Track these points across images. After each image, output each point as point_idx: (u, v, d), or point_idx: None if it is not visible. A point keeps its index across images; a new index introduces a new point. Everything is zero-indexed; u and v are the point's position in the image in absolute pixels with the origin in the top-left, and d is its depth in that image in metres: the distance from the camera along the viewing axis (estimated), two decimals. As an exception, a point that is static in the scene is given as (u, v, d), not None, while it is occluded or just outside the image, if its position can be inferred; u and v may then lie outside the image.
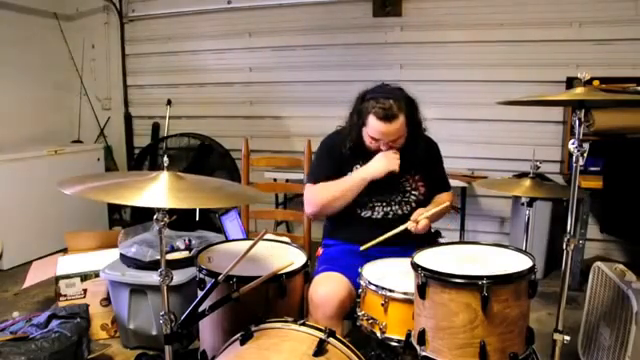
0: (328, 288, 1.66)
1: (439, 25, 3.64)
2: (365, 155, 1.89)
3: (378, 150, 1.85)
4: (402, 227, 1.80)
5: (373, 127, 1.79)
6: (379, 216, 1.90)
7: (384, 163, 1.81)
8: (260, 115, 4.23)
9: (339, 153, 1.92)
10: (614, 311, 1.87)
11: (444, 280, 1.35)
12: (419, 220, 1.79)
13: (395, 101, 1.77)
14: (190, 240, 2.43)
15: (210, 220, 3.43)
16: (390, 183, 1.90)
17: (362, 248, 1.78)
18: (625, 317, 1.79)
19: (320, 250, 2.03)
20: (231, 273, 1.37)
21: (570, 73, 3.34)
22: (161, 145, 4.25)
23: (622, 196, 2.78)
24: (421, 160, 1.94)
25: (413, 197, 1.93)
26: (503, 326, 1.33)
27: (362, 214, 1.90)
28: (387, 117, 1.76)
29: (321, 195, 1.89)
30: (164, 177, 1.27)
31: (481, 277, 1.31)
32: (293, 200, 3.91)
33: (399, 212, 1.91)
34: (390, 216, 1.90)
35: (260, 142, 4.08)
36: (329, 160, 1.95)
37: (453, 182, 2.71)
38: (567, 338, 1.44)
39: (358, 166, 1.91)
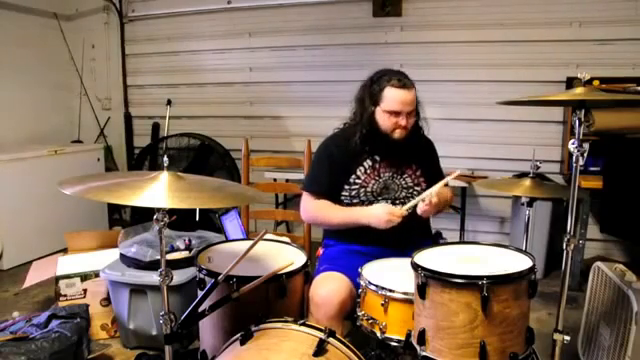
0: (329, 288, 1.66)
1: (439, 25, 3.65)
2: (377, 148, 1.87)
3: (395, 129, 1.82)
4: (418, 199, 1.78)
5: (392, 98, 1.80)
6: None
7: (385, 220, 1.73)
8: (260, 115, 4.22)
9: (344, 156, 1.89)
10: (614, 311, 1.87)
11: (444, 280, 1.35)
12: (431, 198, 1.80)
13: (405, 75, 1.84)
14: (190, 240, 2.43)
15: (210, 220, 3.42)
16: (394, 180, 1.90)
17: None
18: (625, 317, 1.79)
19: (320, 250, 2.03)
20: (231, 273, 1.37)
21: (570, 73, 3.35)
22: (161, 145, 4.25)
23: (622, 196, 2.77)
24: (422, 155, 1.96)
25: (416, 193, 1.93)
26: (503, 326, 1.33)
27: None
28: (405, 85, 1.81)
29: (316, 214, 1.93)
30: (164, 177, 1.27)
31: (481, 277, 1.31)
32: (293, 200, 3.91)
33: None
34: None
35: (260, 142, 4.08)
36: (329, 166, 1.91)
37: (453, 182, 2.71)
38: (567, 338, 1.44)
39: (369, 161, 1.89)
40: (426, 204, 1.77)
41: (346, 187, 1.90)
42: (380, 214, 1.75)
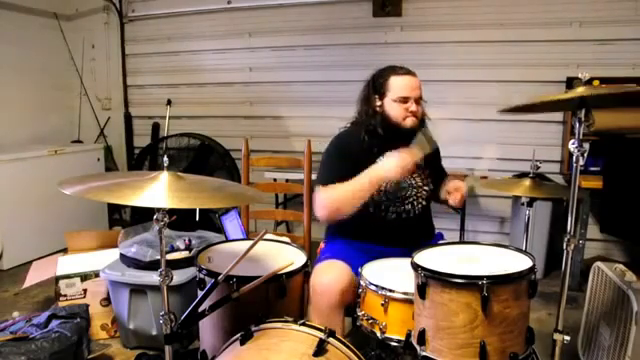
0: (331, 276, 1.65)
1: (439, 25, 3.65)
2: (387, 146, 1.84)
3: (406, 117, 1.82)
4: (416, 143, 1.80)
5: (399, 85, 1.83)
6: (393, 217, 1.88)
7: (395, 167, 1.69)
8: (260, 115, 4.22)
9: (355, 150, 1.86)
10: (614, 311, 1.87)
11: (444, 280, 1.35)
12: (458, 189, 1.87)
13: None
14: (190, 240, 2.43)
15: (210, 220, 3.42)
16: (405, 179, 1.89)
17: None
18: (625, 317, 1.79)
19: (322, 244, 2.02)
20: (231, 273, 1.37)
21: (570, 73, 3.34)
22: (161, 145, 4.25)
23: (622, 196, 2.77)
24: (428, 154, 1.95)
25: (424, 192, 1.94)
26: (503, 326, 1.33)
27: (376, 214, 1.86)
28: (409, 72, 1.86)
29: (332, 197, 1.77)
30: (164, 177, 1.27)
31: (481, 277, 1.31)
32: (293, 200, 3.91)
33: (411, 212, 1.90)
34: (404, 216, 1.89)
35: (260, 142, 4.08)
36: (341, 162, 1.86)
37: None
38: (567, 338, 1.44)
39: (381, 158, 1.86)
40: (460, 195, 1.86)
41: None
42: (389, 159, 1.72)
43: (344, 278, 1.66)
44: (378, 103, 1.87)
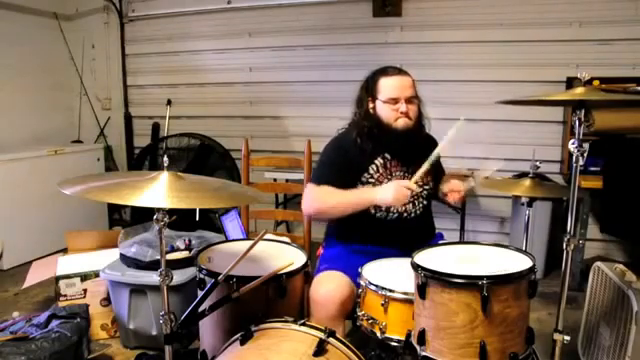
0: (329, 287, 1.66)
1: (439, 25, 3.64)
2: (385, 146, 1.86)
3: (397, 118, 1.81)
4: (423, 169, 1.78)
5: (388, 86, 1.82)
6: (394, 217, 1.88)
7: (393, 196, 1.68)
8: (260, 115, 4.22)
9: (351, 152, 1.86)
10: (614, 311, 1.87)
11: (444, 280, 1.35)
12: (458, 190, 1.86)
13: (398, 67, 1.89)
14: (190, 240, 2.43)
15: (210, 220, 3.42)
16: (405, 179, 1.88)
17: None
18: (625, 317, 1.79)
19: (321, 249, 2.03)
20: (231, 273, 1.37)
21: (570, 73, 3.34)
22: (161, 145, 4.25)
23: (622, 196, 2.78)
24: (428, 153, 1.95)
25: (425, 192, 1.94)
26: (503, 326, 1.33)
27: (376, 215, 1.86)
28: (399, 72, 1.85)
29: (322, 199, 1.82)
30: (164, 177, 1.27)
31: (481, 277, 1.31)
32: (293, 200, 3.91)
33: (413, 212, 1.90)
34: (405, 216, 1.89)
35: (260, 142, 4.08)
36: (336, 162, 1.87)
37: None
38: (567, 338, 1.44)
39: (380, 159, 1.87)
40: (459, 196, 1.85)
41: (359, 187, 1.87)
42: (386, 189, 1.71)
43: (343, 289, 1.66)
44: (371, 105, 1.87)
